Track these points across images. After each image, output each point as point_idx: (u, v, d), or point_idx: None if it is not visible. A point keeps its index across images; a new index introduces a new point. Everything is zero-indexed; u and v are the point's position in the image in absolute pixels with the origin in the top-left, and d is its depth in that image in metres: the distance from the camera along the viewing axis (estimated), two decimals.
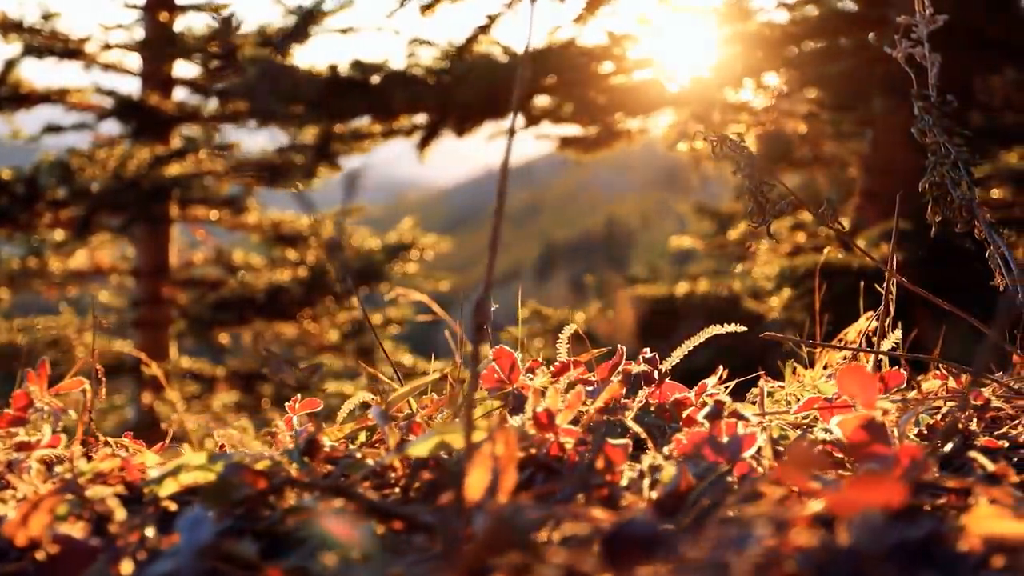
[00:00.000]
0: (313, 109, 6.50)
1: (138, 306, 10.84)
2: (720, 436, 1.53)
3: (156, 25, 10.91)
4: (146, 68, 11.11)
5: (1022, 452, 1.58)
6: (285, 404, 1.94)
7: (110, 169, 9.01)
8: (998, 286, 2.17)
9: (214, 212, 10.71)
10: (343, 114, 6.60)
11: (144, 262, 10.94)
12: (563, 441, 1.56)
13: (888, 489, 0.88)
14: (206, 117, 11.00)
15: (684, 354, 2.18)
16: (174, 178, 9.33)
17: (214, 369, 10.29)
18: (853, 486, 0.89)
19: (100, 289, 11.65)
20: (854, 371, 1.42)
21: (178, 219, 10.87)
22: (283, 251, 10.98)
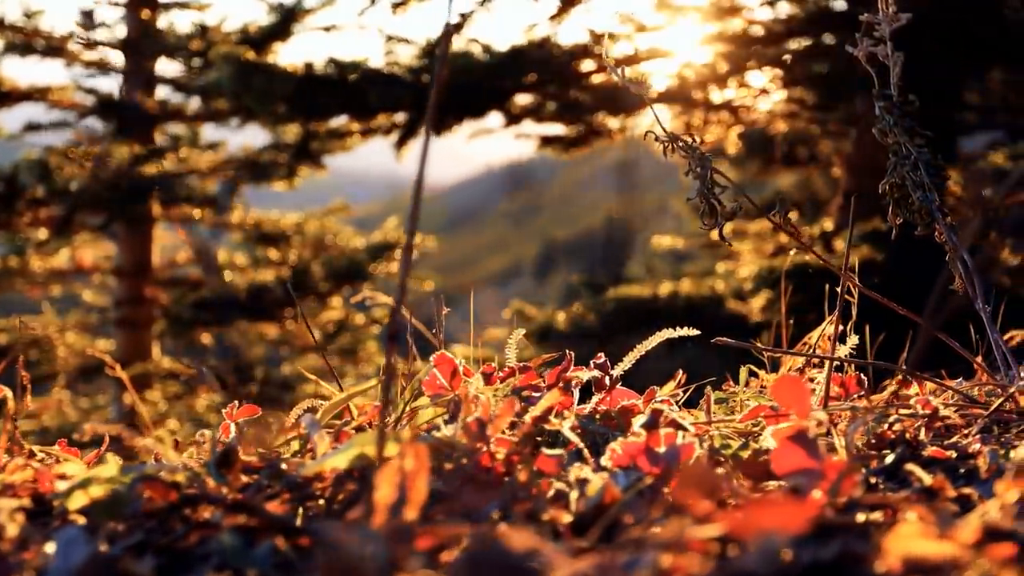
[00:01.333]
0: (289, 108, 6.44)
1: (120, 305, 10.77)
2: (657, 446, 1.48)
3: (138, 23, 10.84)
4: (128, 66, 11.03)
5: (971, 463, 1.53)
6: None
7: (88, 168, 8.94)
8: (957, 289, 2.12)
9: (197, 211, 10.64)
10: (319, 113, 6.54)
11: (126, 261, 10.87)
12: (494, 451, 1.51)
13: (791, 511, 0.83)
14: (189, 115, 10.93)
15: (648, 357, 2.13)
16: (154, 177, 9.27)
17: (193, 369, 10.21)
18: (754, 507, 0.84)
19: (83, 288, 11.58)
20: (787, 382, 1.37)
21: (160, 218, 10.80)
22: (265, 250, 10.92)
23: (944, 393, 1.95)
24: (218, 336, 10.96)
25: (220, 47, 7.16)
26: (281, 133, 9.13)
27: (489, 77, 6.00)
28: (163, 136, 11.13)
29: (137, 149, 9.30)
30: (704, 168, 1.92)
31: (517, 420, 1.68)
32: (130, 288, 10.75)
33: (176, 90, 11.19)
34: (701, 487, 0.85)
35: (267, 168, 9.56)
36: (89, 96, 10.75)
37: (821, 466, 1.20)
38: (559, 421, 1.63)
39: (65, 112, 10.74)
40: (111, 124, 10.67)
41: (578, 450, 1.60)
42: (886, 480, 1.48)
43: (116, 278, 10.89)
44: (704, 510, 0.87)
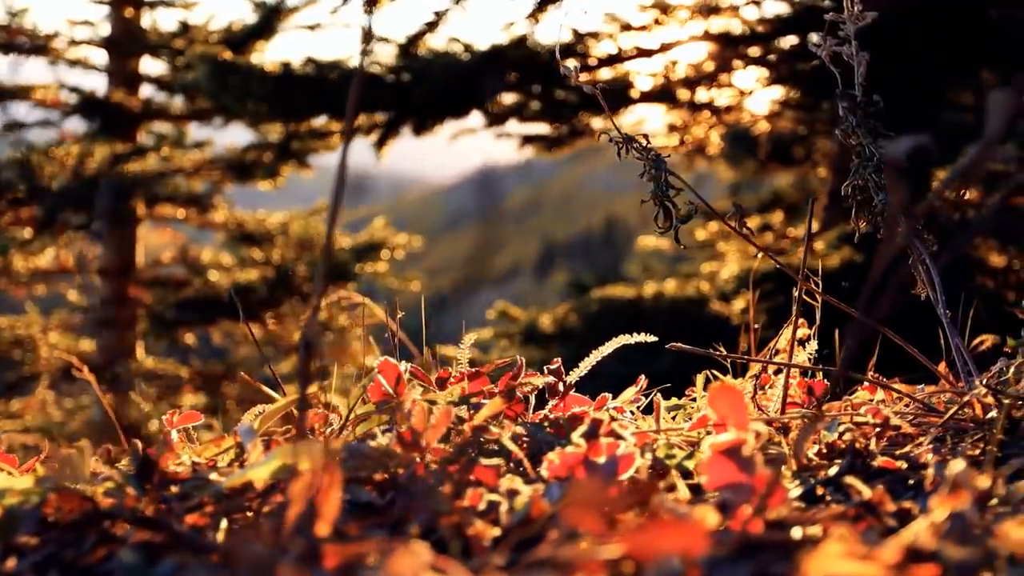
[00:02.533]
0: (268, 107, 6.38)
1: (104, 305, 10.70)
2: (598, 456, 1.44)
3: (122, 21, 10.77)
4: (112, 65, 10.97)
5: (921, 473, 1.49)
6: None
7: (70, 167, 8.87)
8: (919, 295, 2.08)
9: (181, 210, 10.58)
10: (297, 112, 6.49)
11: (110, 261, 10.80)
12: (429, 461, 1.47)
13: (690, 532, 0.78)
14: (173, 115, 10.87)
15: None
16: (136, 176, 9.20)
17: (178, 370, 10.16)
18: (652, 529, 0.80)
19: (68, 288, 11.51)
20: (723, 392, 1.33)
21: (145, 217, 10.74)
22: (248, 250, 10.86)
23: (902, 400, 1.91)
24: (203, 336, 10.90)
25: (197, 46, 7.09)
26: (265, 132, 9.08)
27: (470, 77, 5.95)
28: (149, 135, 11.06)
29: (118, 148, 9.24)
30: (658, 170, 1.88)
31: (458, 429, 1.63)
32: (114, 288, 10.69)
33: (160, 89, 11.13)
34: (592, 506, 0.80)
35: (251, 167, 9.51)
36: (73, 95, 10.69)
37: (751, 481, 1.16)
38: (500, 430, 1.59)
39: (49, 111, 10.69)
40: (95, 123, 10.61)
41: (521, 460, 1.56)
42: (834, 492, 1.44)
43: (100, 278, 10.82)
44: (597, 530, 0.82)
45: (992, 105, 0.93)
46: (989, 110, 0.93)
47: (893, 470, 1.50)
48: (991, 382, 1.90)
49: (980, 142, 0.96)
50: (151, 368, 10.04)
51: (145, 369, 10.01)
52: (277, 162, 9.11)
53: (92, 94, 10.54)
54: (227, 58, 6.36)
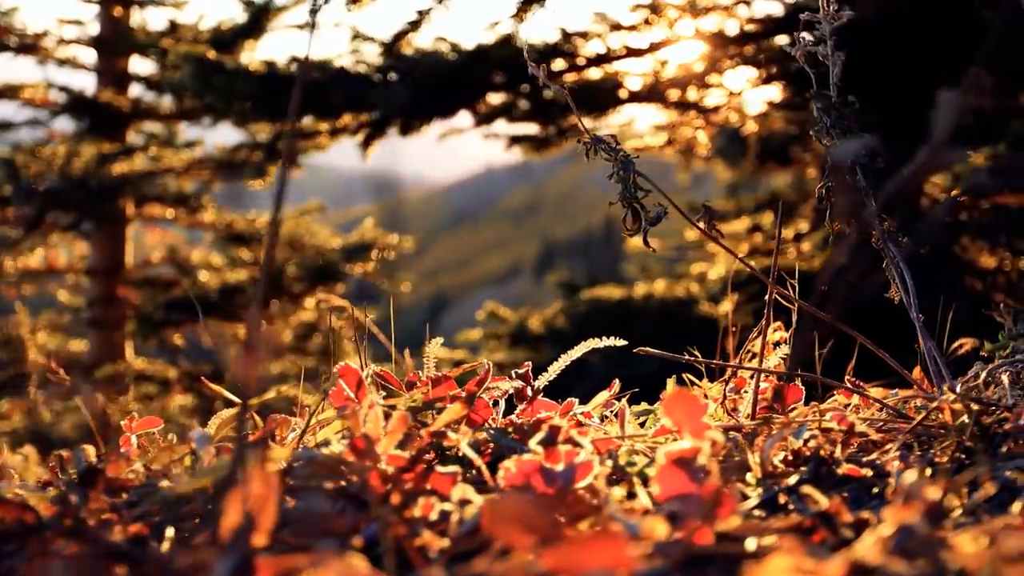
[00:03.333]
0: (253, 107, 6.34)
1: (93, 306, 10.66)
2: (556, 464, 1.41)
3: (111, 20, 10.73)
4: (101, 64, 10.93)
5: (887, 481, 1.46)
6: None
7: (57, 167, 8.83)
8: (893, 299, 2.06)
9: (170, 210, 10.53)
10: (282, 112, 6.44)
11: (99, 261, 10.76)
12: (382, 470, 1.44)
13: (617, 549, 0.75)
14: (162, 114, 10.83)
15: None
16: (124, 176, 9.16)
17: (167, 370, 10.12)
18: (579, 545, 0.77)
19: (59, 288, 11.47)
20: (680, 398, 1.30)
21: (134, 217, 10.69)
22: (237, 250, 10.82)
23: (873, 406, 1.88)
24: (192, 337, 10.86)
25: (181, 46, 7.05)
26: (254, 132, 9.04)
27: (456, 76, 5.91)
28: (139, 135, 11.03)
29: (106, 147, 9.20)
30: (627, 171, 1.85)
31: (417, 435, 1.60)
32: (103, 288, 10.65)
33: (148, 88, 11.09)
34: (518, 522, 0.77)
35: (240, 167, 9.46)
36: (62, 94, 10.65)
37: (701, 491, 1.13)
38: (458, 436, 1.55)
39: (38, 110, 10.65)
40: (83, 122, 10.56)
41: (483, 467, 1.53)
42: (797, 500, 1.41)
43: (89, 278, 10.78)
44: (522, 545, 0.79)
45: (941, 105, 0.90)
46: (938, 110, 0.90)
47: (858, 478, 1.47)
48: (965, 387, 1.88)
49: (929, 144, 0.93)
50: (140, 369, 10.00)
51: (134, 370, 9.96)
52: (265, 162, 9.07)
53: (80, 93, 10.49)
54: (212, 57, 6.32)
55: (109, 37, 10.74)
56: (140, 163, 9.97)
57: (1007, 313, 2.45)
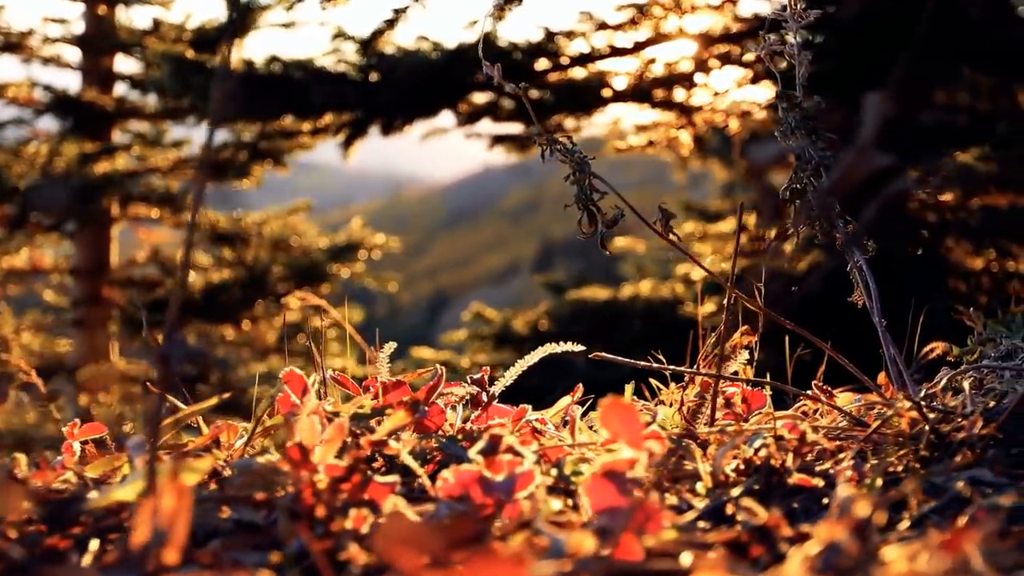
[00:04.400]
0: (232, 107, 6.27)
1: (77, 306, 10.60)
2: (498, 473, 1.37)
3: (95, 19, 10.67)
4: (85, 63, 10.86)
5: None
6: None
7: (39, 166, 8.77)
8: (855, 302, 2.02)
9: (155, 210, 10.47)
10: (261, 112, 6.38)
11: (83, 261, 10.69)
12: (316, 480, 1.40)
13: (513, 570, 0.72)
14: (147, 113, 10.76)
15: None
16: (106, 175, 9.09)
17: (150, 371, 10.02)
18: (474, 567, 0.73)
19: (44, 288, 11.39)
20: (616, 408, 1.26)
21: (119, 217, 10.62)
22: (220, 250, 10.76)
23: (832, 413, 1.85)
24: None
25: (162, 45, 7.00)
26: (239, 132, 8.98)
27: (438, 75, 5.86)
28: (125, 134, 10.96)
29: (88, 147, 9.13)
30: (582, 173, 1.81)
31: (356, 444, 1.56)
32: (87, 288, 10.58)
33: (133, 87, 11.02)
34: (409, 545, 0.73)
35: (225, 167, 9.40)
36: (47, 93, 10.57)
37: (630, 504, 1.09)
38: (399, 445, 1.52)
39: (22, 109, 10.57)
40: (67, 121, 10.49)
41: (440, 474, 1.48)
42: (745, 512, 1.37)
43: (73, 278, 10.71)
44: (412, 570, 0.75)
45: (867, 109, 0.87)
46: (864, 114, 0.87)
47: (809, 488, 1.44)
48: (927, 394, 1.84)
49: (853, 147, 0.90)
50: (124, 370, 9.93)
51: (117, 371, 9.89)
52: (249, 161, 9.01)
53: (64, 92, 10.42)
54: (189, 57, 6.27)
55: (93, 36, 10.67)
56: (124, 163, 9.91)
57: (977, 318, 2.42)
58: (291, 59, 6.10)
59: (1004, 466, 1.48)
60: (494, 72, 1.93)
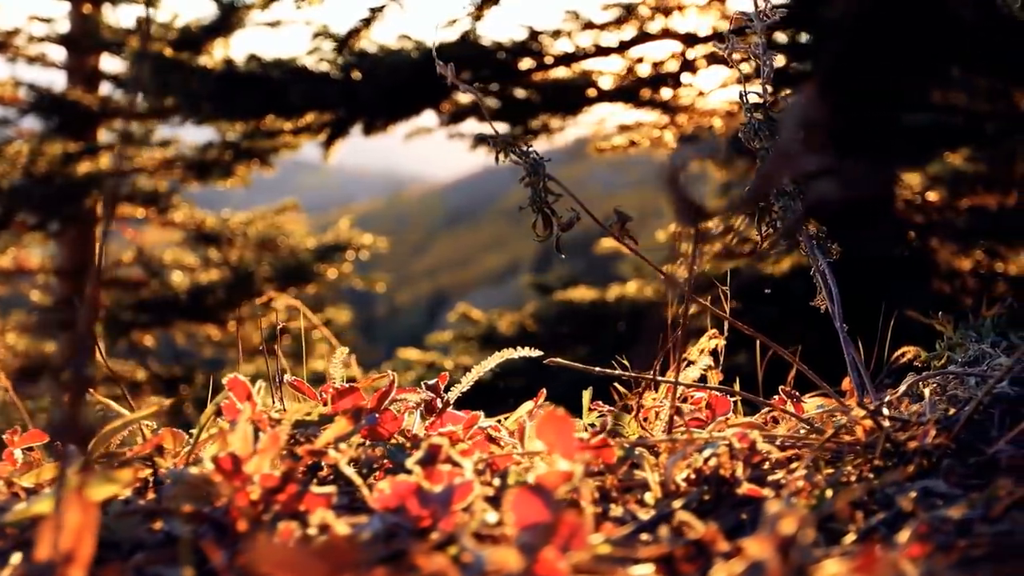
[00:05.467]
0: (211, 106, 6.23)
1: (61, 306, 10.53)
2: (435, 484, 1.33)
3: (80, 17, 10.61)
4: (70, 62, 10.80)
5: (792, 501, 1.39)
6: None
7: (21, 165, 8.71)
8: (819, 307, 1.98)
9: (140, 210, 10.41)
10: (241, 111, 6.33)
11: (67, 261, 10.63)
12: (249, 491, 1.36)
13: None
14: (132, 112, 10.67)
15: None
16: (89, 175, 9.03)
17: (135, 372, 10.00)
18: None
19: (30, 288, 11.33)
20: (551, 420, 1.23)
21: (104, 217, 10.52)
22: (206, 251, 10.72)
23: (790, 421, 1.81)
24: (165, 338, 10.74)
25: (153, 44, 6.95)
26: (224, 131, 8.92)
27: (421, 74, 5.82)
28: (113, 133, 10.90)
29: (71, 146, 9.07)
30: (536, 175, 1.77)
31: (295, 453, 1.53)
32: (71, 289, 10.52)
33: (117, 86, 10.96)
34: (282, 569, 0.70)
35: (210, 167, 9.35)
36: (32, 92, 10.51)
37: (554, 520, 1.05)
38: (337, 454, 1.48)
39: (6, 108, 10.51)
40: (52, 121, 10.43)
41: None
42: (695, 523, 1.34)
43: (58, 278, 10.65)
44: None
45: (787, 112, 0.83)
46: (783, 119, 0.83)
47: (758, 498, 1.40)
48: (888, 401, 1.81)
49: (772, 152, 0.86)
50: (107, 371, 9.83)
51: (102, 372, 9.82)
52: (233, 161, 8.96)
53: (48, 91, 10.36)
54: (168, 56, 6.22)
55: (78, 35, 10.61)
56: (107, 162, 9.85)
57: (947, 321, 2.38)
58: (272, 58, 6.05)
59: (960, 476, 1.45)
60: (447, 72, 1.89)
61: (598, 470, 1.53)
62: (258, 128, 6.81)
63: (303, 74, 5.93)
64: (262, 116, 6.47)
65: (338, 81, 5.92)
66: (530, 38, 6.42)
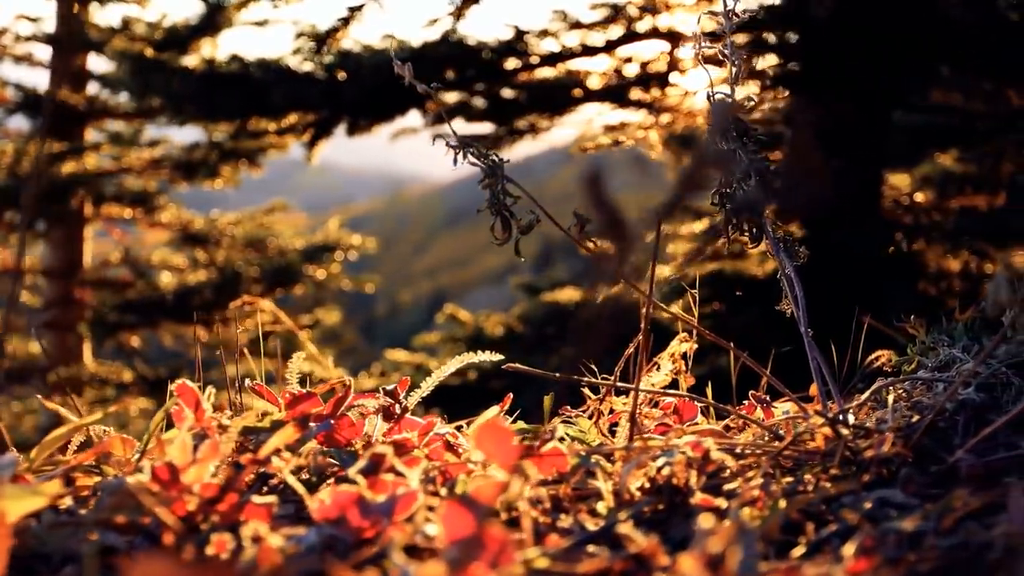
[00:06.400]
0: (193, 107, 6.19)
1: (49, 307, 10.48)
2: (378, 494, 1.30)
3: (66, 17, 10.55)
4: (57, 61, 10.75)
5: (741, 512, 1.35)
6: None
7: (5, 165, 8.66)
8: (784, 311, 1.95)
9: (128, 211, 10.37)
10: (222, 112, 6.28)
11: (55, 261, 10.58)
12: (186, 501, 1.33)
13: None
14: (119, 112, 10.65)
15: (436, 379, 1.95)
16: (74, 175, 8.98)
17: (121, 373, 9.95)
18: None
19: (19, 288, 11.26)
20: (489, 429, 1.19)
21: (92, 217, 10.51)
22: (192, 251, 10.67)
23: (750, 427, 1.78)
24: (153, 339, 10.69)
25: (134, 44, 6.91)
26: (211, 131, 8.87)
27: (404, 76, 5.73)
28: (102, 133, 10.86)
29: (55, 146, 9.02)
30: (494, 177, 1.74)
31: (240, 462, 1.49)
32: (59, 289, 10.47)
33: (104, 86, 10.90)
34: None
35: (197, 167, 9.31)
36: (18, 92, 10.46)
37: (482, 534, 1.02)
38: (282, 462, 1.44)
39: None
40: (38, 120, 10.37)
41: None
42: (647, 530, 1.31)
43: (46, 279, 10.60)
44: None
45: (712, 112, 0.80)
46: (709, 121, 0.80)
47: (711, 508, 1.37)
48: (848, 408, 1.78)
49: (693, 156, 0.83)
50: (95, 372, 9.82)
51: (89, 373, 9.79)
52: (218, 162, 8.91)
53: (34, 91, 10.31)
54: (149, 55, 6.17)
55: (65, 34, 10.56)
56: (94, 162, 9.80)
57: (919, 325, 2.35)
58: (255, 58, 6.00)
59: (919, 485, 1.42)
60: (405, 72, 1.86)
61: (552, 479, 1.50)
62: (243, 128, 6.78)
63: (285, 74, 5.89)
64: (245, 117, 6.43)
65: (321, 81, 5.88)
66: (516, 38, 6.38)
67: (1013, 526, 1.13)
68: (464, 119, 6.93)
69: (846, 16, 6.50)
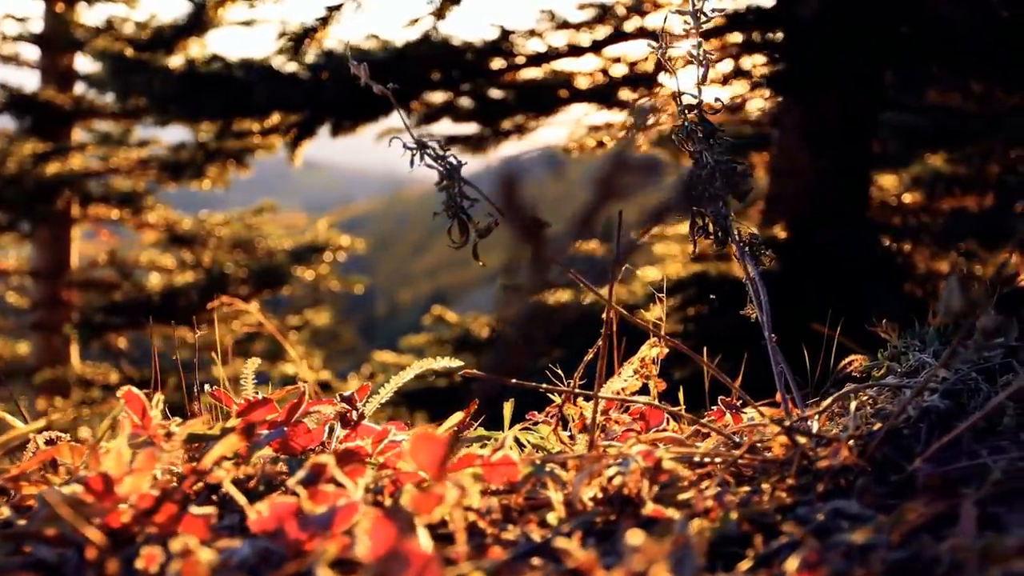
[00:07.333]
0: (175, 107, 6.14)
1: (36, 308, 10.43)
2: (318, 506, 1.26)
3: (53, 16, 10.51)
4: (44, 61, 10.69)
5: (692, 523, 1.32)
6: None
7: None
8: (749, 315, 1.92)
9: (115, 211, 10.31)
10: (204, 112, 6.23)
11: (42, 262, 10.52)
12: (121, 513, 1.29)
13: None
14: (106, 112, 10.60)
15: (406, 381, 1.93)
16: (59, 175, 8.93)
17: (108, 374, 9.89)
18: None
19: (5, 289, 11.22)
20: (423, 439, 1.16)
21: (80, 218, 10.46)
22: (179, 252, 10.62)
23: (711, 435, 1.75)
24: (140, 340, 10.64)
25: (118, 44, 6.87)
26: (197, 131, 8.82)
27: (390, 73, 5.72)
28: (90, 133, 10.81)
29: (40, 147, 8.97)
30: (452, 179, 1.71)
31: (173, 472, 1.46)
32: (46, 290, 10.41)
33: (90, 86, 10.85)
34: None
35: (183, 167, 9.26)
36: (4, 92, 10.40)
37: (407, 550, 0.98)
38: (223, 472, 1.41)
39: None
40: (25, 121, 10.32)
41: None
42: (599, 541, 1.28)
43: (33, 280, 10.54)
44: None
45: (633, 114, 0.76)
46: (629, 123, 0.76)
47: (663, 519, 1.33)
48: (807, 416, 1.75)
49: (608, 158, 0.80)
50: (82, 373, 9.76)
51: (76, 374, 9.73)
52: (204, 162, 8.87)
53: (19, 91, 10.25)
54: (129, 55, 6.13)
55: (51, 34, 10.50)
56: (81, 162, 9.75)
57: (892, 329, 2.32)
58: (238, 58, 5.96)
59: (877, 496, 1.38)
60: (360, 72, 1.82)
61: (504, 488, 1.47)
62: (227, 129, 6.73)
63: (268, 74, 5.85)
64: (228, 117, 6.38)
65: (304, 81, 5.83)
66: (502, 38, 6.34)
67: (961, 539, 1.10)
68: (451, 119, 6.90)
69: (833, 16, 6.47)
